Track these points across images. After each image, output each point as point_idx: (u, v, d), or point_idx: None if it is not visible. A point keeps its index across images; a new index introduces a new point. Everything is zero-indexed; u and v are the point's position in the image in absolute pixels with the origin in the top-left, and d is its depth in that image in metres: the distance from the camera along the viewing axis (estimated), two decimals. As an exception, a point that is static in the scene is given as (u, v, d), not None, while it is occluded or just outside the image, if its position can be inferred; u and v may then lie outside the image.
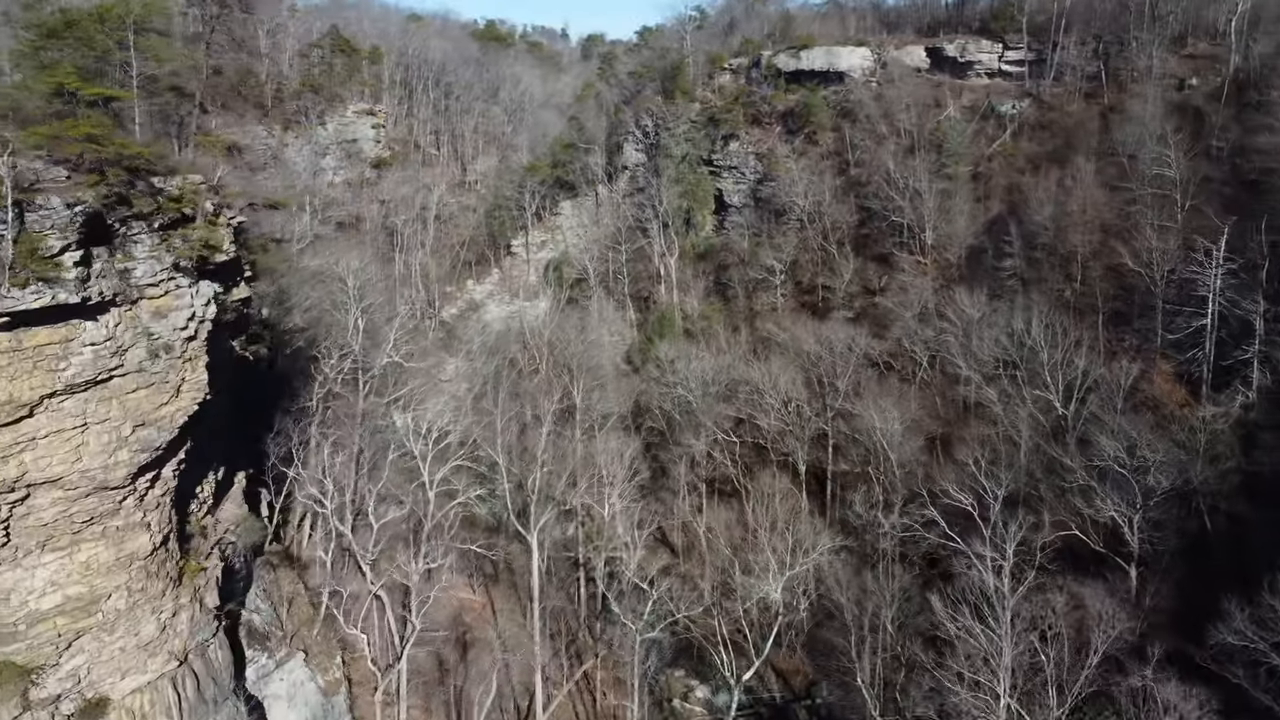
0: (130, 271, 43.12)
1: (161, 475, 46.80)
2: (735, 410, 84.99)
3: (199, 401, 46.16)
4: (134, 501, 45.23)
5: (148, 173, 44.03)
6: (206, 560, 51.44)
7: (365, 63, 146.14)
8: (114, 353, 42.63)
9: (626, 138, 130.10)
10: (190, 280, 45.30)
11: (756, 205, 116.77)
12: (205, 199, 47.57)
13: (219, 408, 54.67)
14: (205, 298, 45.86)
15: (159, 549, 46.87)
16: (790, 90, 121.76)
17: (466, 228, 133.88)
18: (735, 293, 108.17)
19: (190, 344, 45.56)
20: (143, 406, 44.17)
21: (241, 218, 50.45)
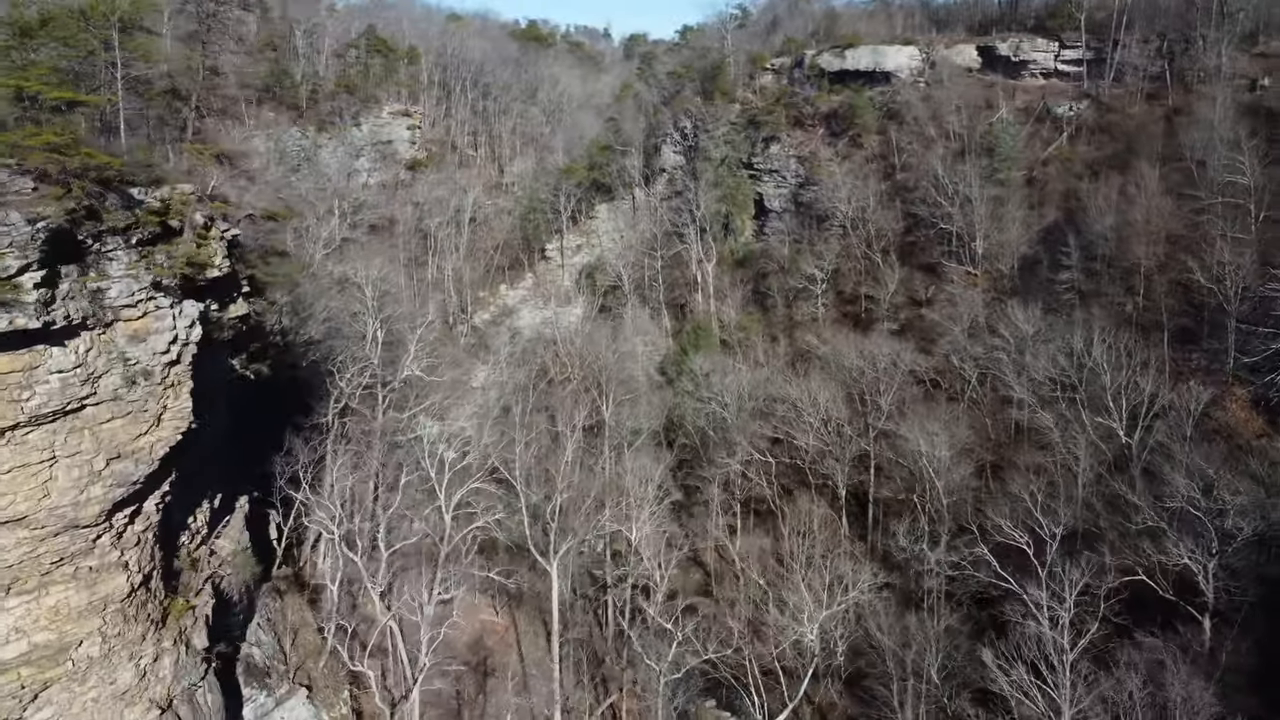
0: (104, 292, 38.89)
1: (143, 510, 42.63)
2: (772, 428, 79.68)
3: (183, 431, 41.90)
4: (110, 540, 41.09)
5: (124, 183, 39.80)
6: (196, 597, 47.25)
7: (402, 63, 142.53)
8: (85, 380, 38.45)
9: (664, 140, 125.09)
10: (173, 300, 41.02)
11: (797, 210, 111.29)
12: (194, 211, 43.29)
13: (217, 431, 50.62)
14: (189, 318, 41.55)
15: (139, 589, 42.71)
16: (834, 91, 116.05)
17: (501, 231, 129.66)
18: (774, 302, 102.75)
19: (173, 369, 41.30)
20: (118, 437, 39.98)
21: (236, 230, 46.12)
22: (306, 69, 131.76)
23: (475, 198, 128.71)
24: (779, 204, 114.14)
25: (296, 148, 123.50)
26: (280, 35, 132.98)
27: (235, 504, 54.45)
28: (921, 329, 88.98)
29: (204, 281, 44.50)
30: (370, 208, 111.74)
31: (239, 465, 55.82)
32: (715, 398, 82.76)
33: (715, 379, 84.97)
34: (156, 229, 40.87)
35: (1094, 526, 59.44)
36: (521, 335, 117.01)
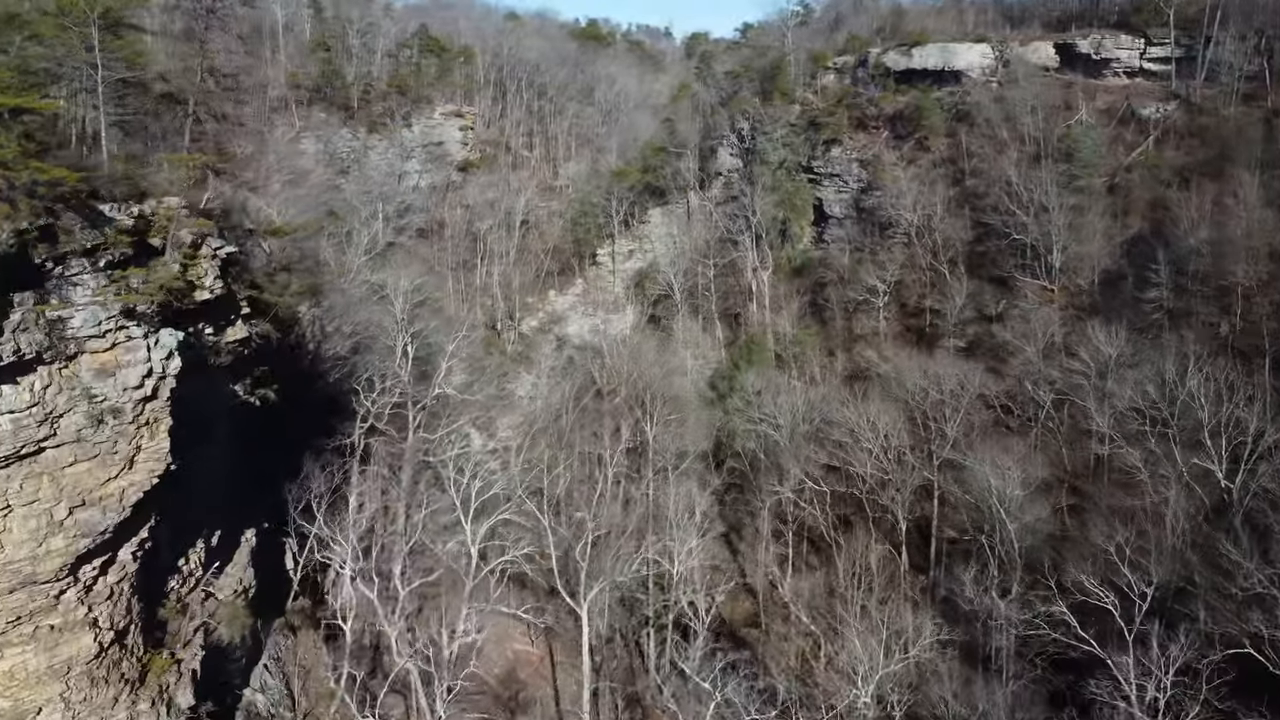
0: (65, 322, 33.95)
1: (117, 560, 37.74)
2: (827, 454, 73.06)
3: (160, 474, 36.88)
4: (76, 595, 36.25)
5: (92, 199, 34.81)
6: (185, 648, 42.34)
7: (456, 63, 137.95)
8: (42, 420, 33.58)
9: (721, 142, 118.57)
10: (147, 328, 35.96)
11: (859, 217, 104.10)
12: (180, 227, 38.23)
13: (216, 463, 45.75)
14: (167, 349, 36.49)
15: (111, 648, 37.83)
16: (900, 91, 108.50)
17: (552, 235, 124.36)
18: (832, 314, 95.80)
19: (147, 405, 36.28)
20: (83, 483, 35.09)
21: (231, 248, 41.01)
22: (359, 69, 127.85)
23: (527, 200, 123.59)
24: (839, 210, 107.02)
25: (346, 149, 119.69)
26: (333, 35, 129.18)
27: (241, 538, 49.51)
28: (991, 347, 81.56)
29: (192, 305, 39.43)
30: (416, 211, 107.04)
31: (248, 495, 50.83)
32: (767, 419, 76.34)
33: (767, 398, 78.55)
34: (129, 250, 35.79)
35: (1189, 584, 51.92)
36: (569, 343, 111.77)
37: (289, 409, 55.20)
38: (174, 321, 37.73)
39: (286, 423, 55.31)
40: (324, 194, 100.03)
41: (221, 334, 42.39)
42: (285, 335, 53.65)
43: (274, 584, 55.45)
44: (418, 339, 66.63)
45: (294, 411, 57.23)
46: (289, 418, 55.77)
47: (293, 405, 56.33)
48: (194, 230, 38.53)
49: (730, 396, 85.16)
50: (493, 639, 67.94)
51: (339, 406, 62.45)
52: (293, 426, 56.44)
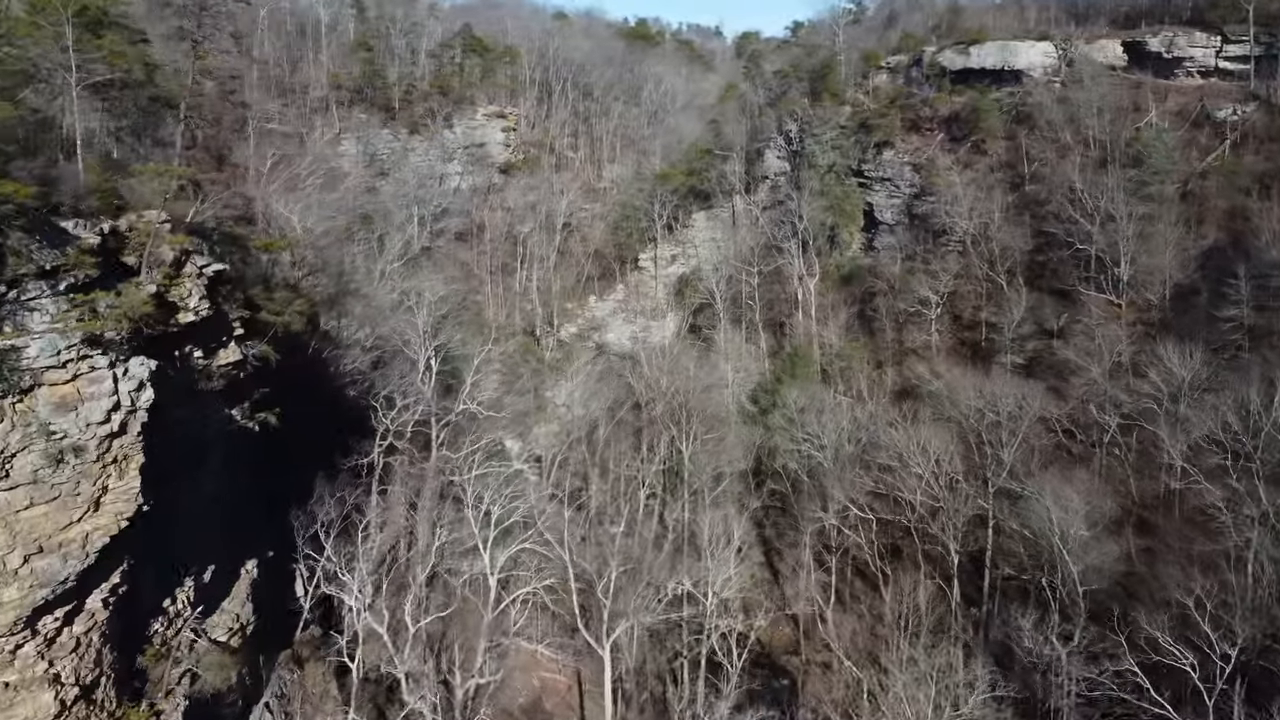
0: (19, 351, 30.24)
1: (84, 609, 34.05)
2: (873, 479, 67.76)
3: (129, 516, 33.08)
4: (35, 649, 32.60)
5: (52, 214, 31.04)
6: (166, 699, 38.62)
7: (500, 63, 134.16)
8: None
9: (768, 144, 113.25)
10: (114, 357, 32.16)
11: (911, 223, 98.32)
12: (162, 244, 34.38)
13: (210, 493, 42.04)
14: (137, 379, 32.67)
15: (77, 704, 34.15)
16: (956, 92, 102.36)
17: (594, 239, 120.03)
18: (881, 325, 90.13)
19: (115, 442, 32.51)
20: (41, 528, 31.42)
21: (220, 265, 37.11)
22: (401, 69, 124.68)
23: (569, 203, 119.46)
24: (890, 216, 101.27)
25: (386, 150, 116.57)
26: (376, 35, 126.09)
27: (241, 570, 45.78)
28: (1051, 365, 75.58)
29: (175, 328, 35.59)
30: (455, 214, 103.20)
31: (250, 523, 47.03)
32: (811, 439, 71.23)
33: (811, 416, 73.34)
34: (95, 270, 31.98)
35: (1275, 641, 46.10)
36: (609, 350, 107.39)
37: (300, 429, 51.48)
38: (150, 348, 33.86)
39: (296, 444, 51.55)
40: (359, 197, 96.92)
41: (212, 357, 38.64)
42: (291, 354, 49.77)
43: (280, 614, 51.79)
44: (442, 352, 62.57)
45: (306, 431, 53.51)
46: (299, 438, 52.02)
47: (304, 424, 52.60)
48: (177, 246, 34.56)
49: (772, 412, 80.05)
50: (519, 666, 63.87)
51: (357, 423, 58.65)
52: (303, 448, 52.69)
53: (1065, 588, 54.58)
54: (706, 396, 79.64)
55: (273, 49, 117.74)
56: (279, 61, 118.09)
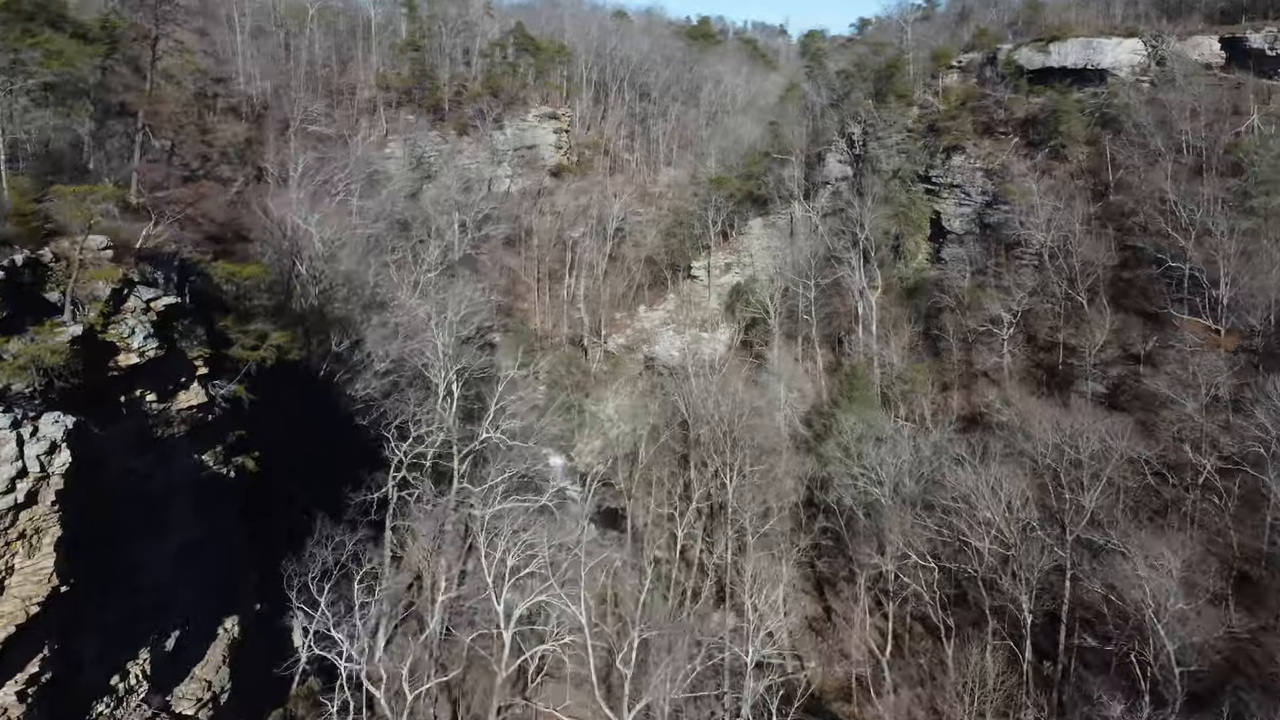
0: (-99, 407, 24.85)
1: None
2: (936, 521, 60.28)
3: (43, 600, 27.53)
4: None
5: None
6: (114, 788, 33.17)
7: (554, 63, 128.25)
8: None
9: (829, 147, 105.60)
10: (18, 415, 26.59)
11: (982, 234, 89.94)
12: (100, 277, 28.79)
13: (174, 550, 36.59)
14: (49, 440, 27.11)
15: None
16: (1034, 92, 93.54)
17: (646, 245, 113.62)
18: (948, 345, 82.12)
19: (22, 514, 26.97)
20: (-66, 616, 26.04)
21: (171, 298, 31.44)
22: (452, 70, 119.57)
23: (620, 207, 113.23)
24: (960, 225, 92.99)
25: (434, 152, 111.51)
26: (427, 34, 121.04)
27: (218, 629, 40.28)
28: (1138, 394, 67.09)
29: (117, 372, 29.96)
30: (500, 219, 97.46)
31: (231, 576, 41.64)
32: (868, 473, 63.95)
33: (869, 447, 66.02)
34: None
35: None
36: (658, 363, 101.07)
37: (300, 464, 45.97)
38: (75, 399, 28.26)
39: (294, 482, 46.03)
40: (398, 203, 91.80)
41: (170, 400, 32.95)
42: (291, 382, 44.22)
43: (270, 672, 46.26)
44: (464, 375, 56.60)
45: (308, 466, 47.98)
46: (298, 475, 46.52)
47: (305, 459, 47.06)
48: (116, 279, 28.92)
49: (827, 439, 72.84)
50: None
51: (368, 455, 53.00)
52: (303, 485, 47.14)
53: (1158, 663, 46.68)
54: (757, 419, 72.66)
55: (321, 49, 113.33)
56: (327, 62, 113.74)
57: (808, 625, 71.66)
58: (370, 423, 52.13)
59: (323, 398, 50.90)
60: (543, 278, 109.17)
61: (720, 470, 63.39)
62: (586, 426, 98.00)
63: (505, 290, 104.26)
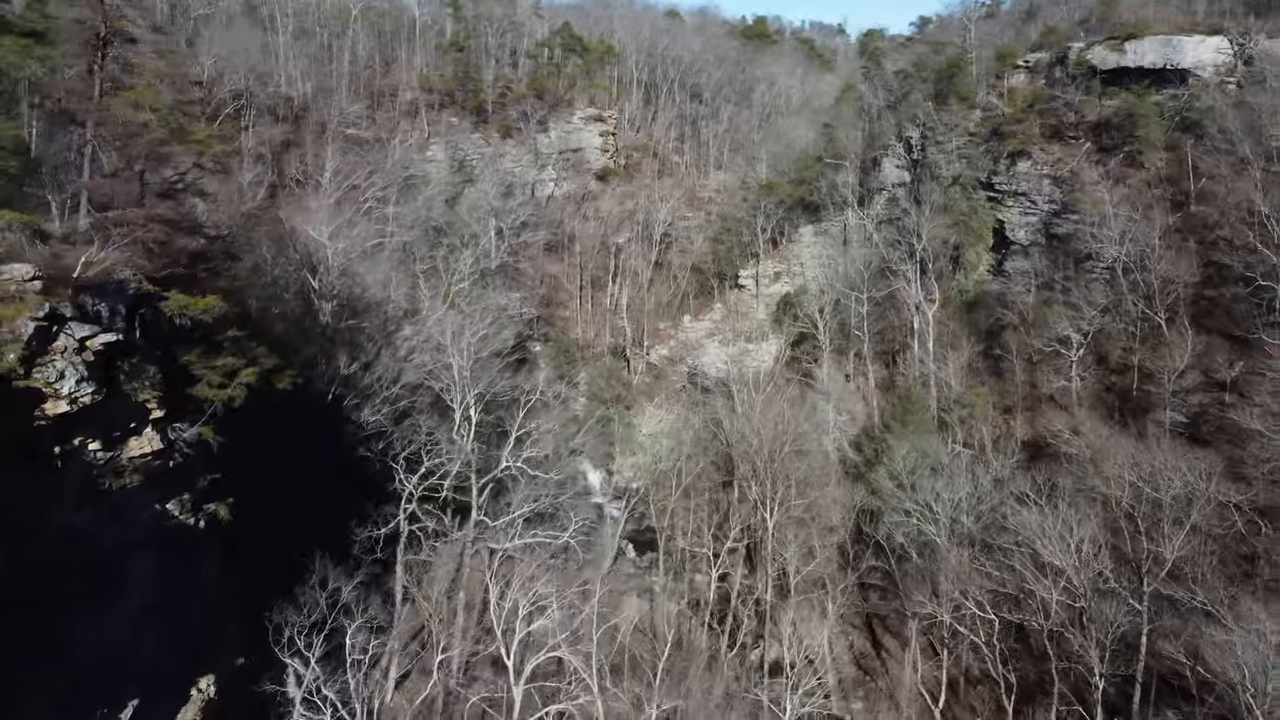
0: None
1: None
2: (995, 566, 54.12)
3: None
4: None
5: None
6: None
7: (601, 63, 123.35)
8: None
9: (886, 152, 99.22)
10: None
11: (1049, 246, 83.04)
12: (23, 312, 24.41)
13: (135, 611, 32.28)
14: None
15: None
16: (1107, 94, 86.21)
17: (692, 252, 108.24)
18: (1010, 366, 75.44)
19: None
20: None
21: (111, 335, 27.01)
22: (497, 71, 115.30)
23: (668, 211, 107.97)
24: (1024, 236, 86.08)
25: (476, 156, 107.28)
26: (471, 35, 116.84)
27: (192, 690, 35.96)
28: (1222, 426, 59.97)
29: (44, 421, 25.57)
30: (540, 225, 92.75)
31: (213, 628, 37.28)
32: (921, 509, 57.90)
33: (923, 481, 59.93)
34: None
35: None
36: (702, 375, 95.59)
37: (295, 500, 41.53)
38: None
39: (287, 522, 41.58)
40: (435, 208, 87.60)
41: (118, 448, 28.53)
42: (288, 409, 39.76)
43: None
44: (484, 400, 51.77)
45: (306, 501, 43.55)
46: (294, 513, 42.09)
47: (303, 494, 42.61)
48: (38, 316, 24.50)
49: (877, 466, 66.80)
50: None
51: (375, 487, 48.48)
52: (299, 524, 42.69)
53: (1254, 743, 40.20)
54: (802, 444, 66.93)
55: (365, 50, 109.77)
56: (370, 63, 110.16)
57: (855, 661, 66.08)
58: (379, 452, 47.58)
59: (327, 426, 46.53)
60: (585, 285, 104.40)
61: (760, 504, 57.78)
62: (626, 441, 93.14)
63: (545, 300, 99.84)
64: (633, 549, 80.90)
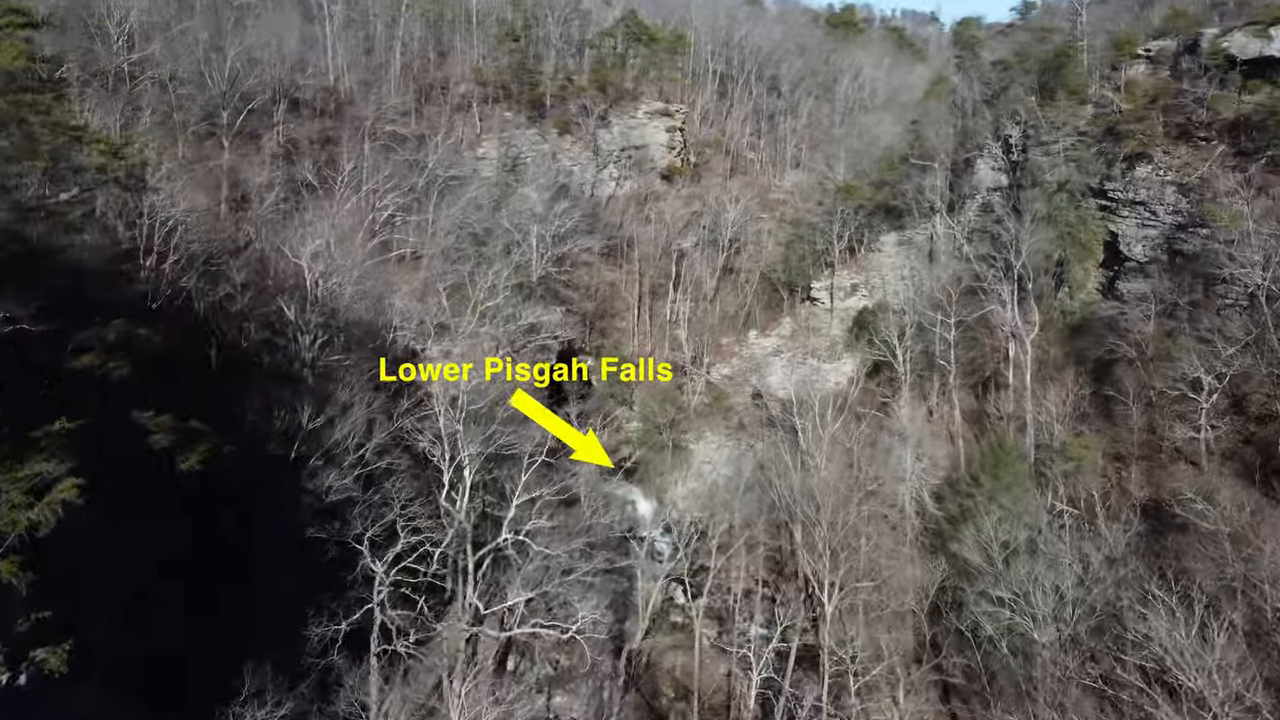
0: None
1: None
2: (1109, 682, 42.39)
3: None
4: None
5: None
6: None
7: (670, 54, 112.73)
8: None
9: (980, 153, 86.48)
10: None
11: (1172, 265, 69.66)
12: None
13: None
14: None
15: None
16: (1248, 89, 71.77)
17: (761, 260, 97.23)
18: (1126, 410, 62.63)
19: None
20: None
21: None
22: (557, 62, 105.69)
23: (739, 214, 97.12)
24: (1142, 251, 72.72)
25: (532, 153, 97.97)
26: (529, 24, 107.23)
27: None
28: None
29: None
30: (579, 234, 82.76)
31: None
32: (1015, 600, 46.35)
33: (1018, 558, 48.35)
34: None
35: None
36: (769, 397, 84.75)
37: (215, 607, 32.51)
38: None
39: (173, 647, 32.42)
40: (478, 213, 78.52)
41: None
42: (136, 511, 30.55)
43: None
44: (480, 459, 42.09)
45: (223, 611, 34.46)
46: (198, 631, 33.01)
47: (232, 599, 33.57)
48: None
49: (961, 527, 55.13)
50: None
51: (332, 574, 39.12)
52: (205, 643, 33.48)
53: None
54: (874, 501, 55.86)
55: (418, 41, 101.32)
56: (424, 53, 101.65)
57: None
58: (344, 525, 38.26)
59: (273, 497, 37.50)
60: (644, 294, 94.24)
61: (818, 588, 46.98)
62: (681, 468, 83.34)
63: (599, 310, 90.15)
64: (681, 592, 71.25)
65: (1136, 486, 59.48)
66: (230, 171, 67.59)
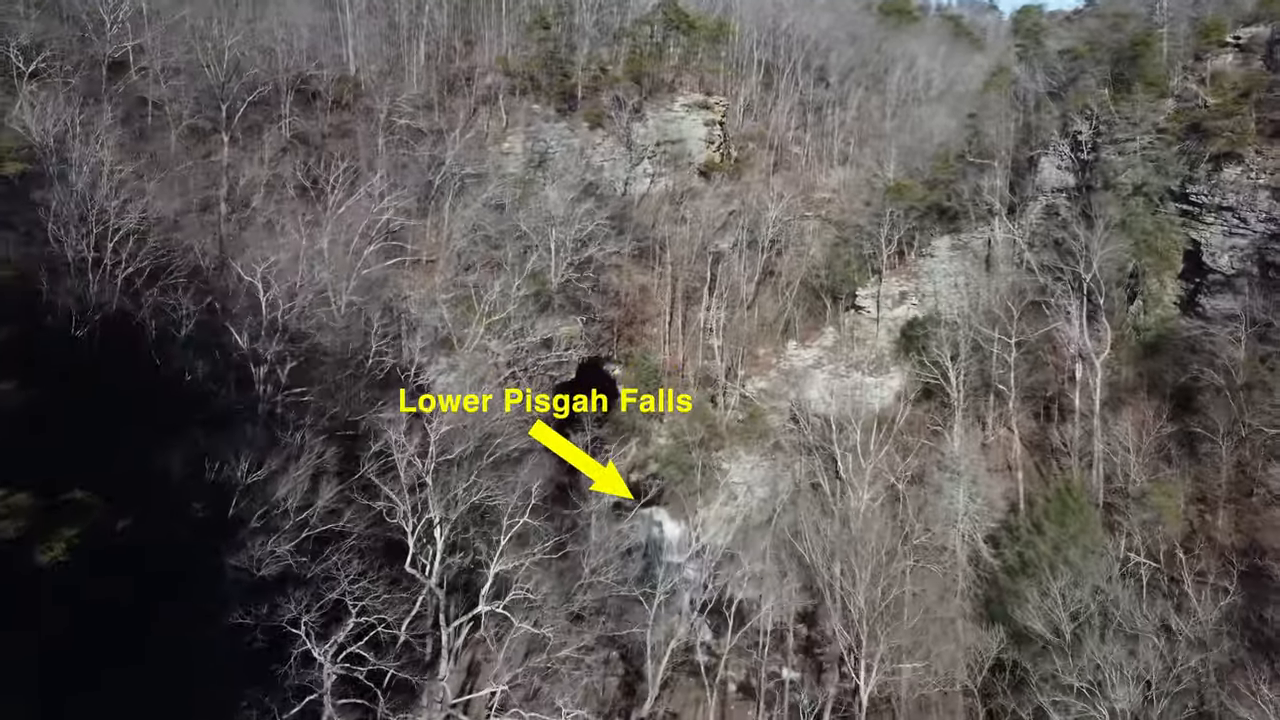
0: None
1: None
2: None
3: None
4: None
5: None
6: None
7: (712, 42, 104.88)
8: None
9: (1046, 151, 77.75)
10: None
11: (1264, 279, 61.05)
12: None
13: None
14: None
15: None
16: (1356, 81, 62.86)
17: (803, 264, 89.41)
18: (1213, 445, 54.18)
19: None
20: None
21: None
22: (591, 51, 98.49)
23: (781, 212, 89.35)
24: (1229, 263, 64.02)
25: (560, 148, 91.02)
26: (560, 11, 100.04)
27: None
28: None
29: None
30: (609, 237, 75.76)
31: None
32: (1089, 689, 38.63)
33: (1089, 631, 40.63)
34: None
35: None
36: (808, 411, 77.20)
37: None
38: None
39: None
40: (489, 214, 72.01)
41: None
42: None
43: None
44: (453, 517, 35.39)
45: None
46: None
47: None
48: None
49: (1021, 583, 47.37)
50: None
51: (262, 665, 32.62)
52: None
53: None
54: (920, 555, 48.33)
55: (443, 29, 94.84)
56: (449, 41, 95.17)
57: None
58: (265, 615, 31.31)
59: (198, 570, 31.14)
60: (676, 300, 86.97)
61: (853, 670, 39.72)
62: (712, 488, 76.44)
63: (626, 318, 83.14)
64: (708, 629, 64.20)
65: (1224, 534, 51.24)
66: (229, 170, 61.88)
